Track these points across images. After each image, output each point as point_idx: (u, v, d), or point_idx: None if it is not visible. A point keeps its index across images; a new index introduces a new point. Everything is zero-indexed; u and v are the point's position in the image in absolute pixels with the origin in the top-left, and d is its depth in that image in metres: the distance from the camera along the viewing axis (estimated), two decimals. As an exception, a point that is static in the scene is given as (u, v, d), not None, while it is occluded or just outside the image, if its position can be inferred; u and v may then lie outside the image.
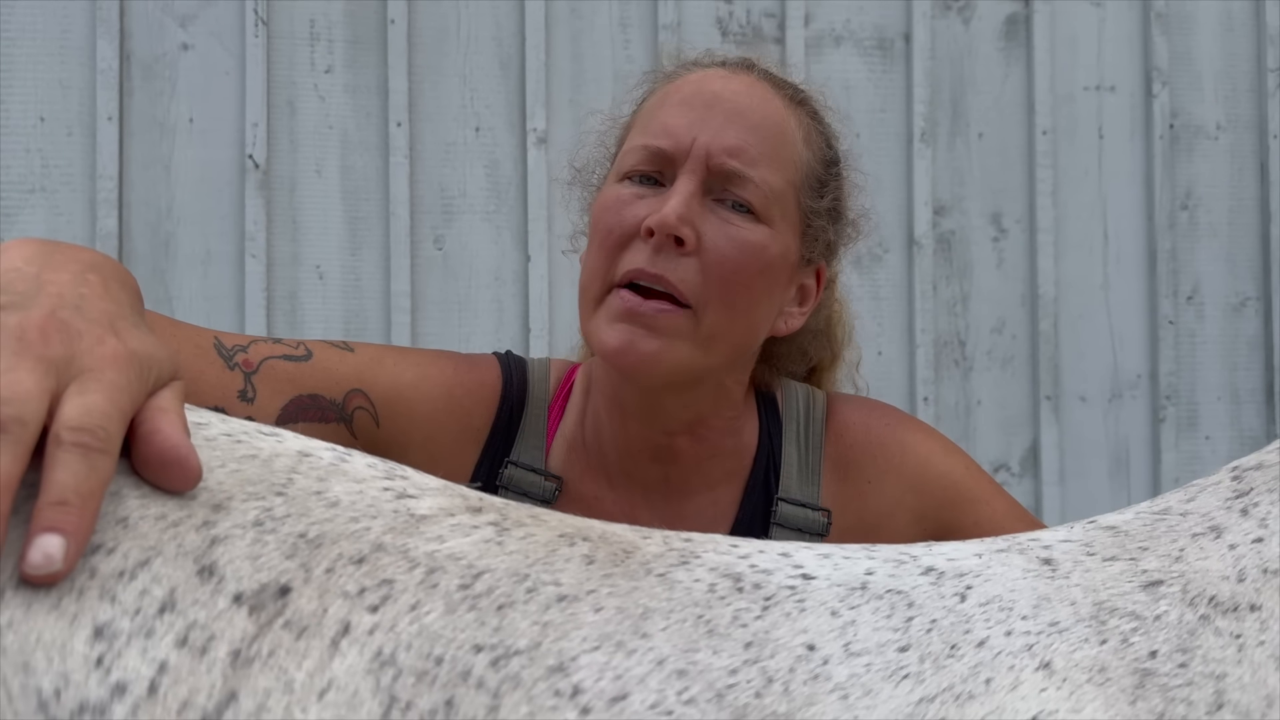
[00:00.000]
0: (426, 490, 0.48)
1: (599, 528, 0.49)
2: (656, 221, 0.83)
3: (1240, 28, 2.09)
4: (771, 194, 0.86)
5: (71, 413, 0.43)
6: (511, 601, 0.43)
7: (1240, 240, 2.07)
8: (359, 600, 0.42)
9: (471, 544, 0.45)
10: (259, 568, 0.42)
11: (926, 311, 1.97)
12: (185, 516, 0.43)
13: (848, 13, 1.99)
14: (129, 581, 0.41)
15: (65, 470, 0.41)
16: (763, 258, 0.86)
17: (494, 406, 0.93)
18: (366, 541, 0.44)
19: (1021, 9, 2.04)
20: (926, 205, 1.98)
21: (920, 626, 0.45)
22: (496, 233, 1.91)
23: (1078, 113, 2.04)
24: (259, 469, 0.46)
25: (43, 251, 0.51)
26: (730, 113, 0.86)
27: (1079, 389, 2.02)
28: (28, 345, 0.44)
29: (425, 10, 1.92)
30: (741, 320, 0.87)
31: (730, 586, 0.46)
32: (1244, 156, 2.08)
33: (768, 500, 0.93)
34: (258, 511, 0.44)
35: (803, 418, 0.95)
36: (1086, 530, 0.51)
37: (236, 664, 0.40)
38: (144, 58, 1.86)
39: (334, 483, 0.46)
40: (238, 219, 1.85)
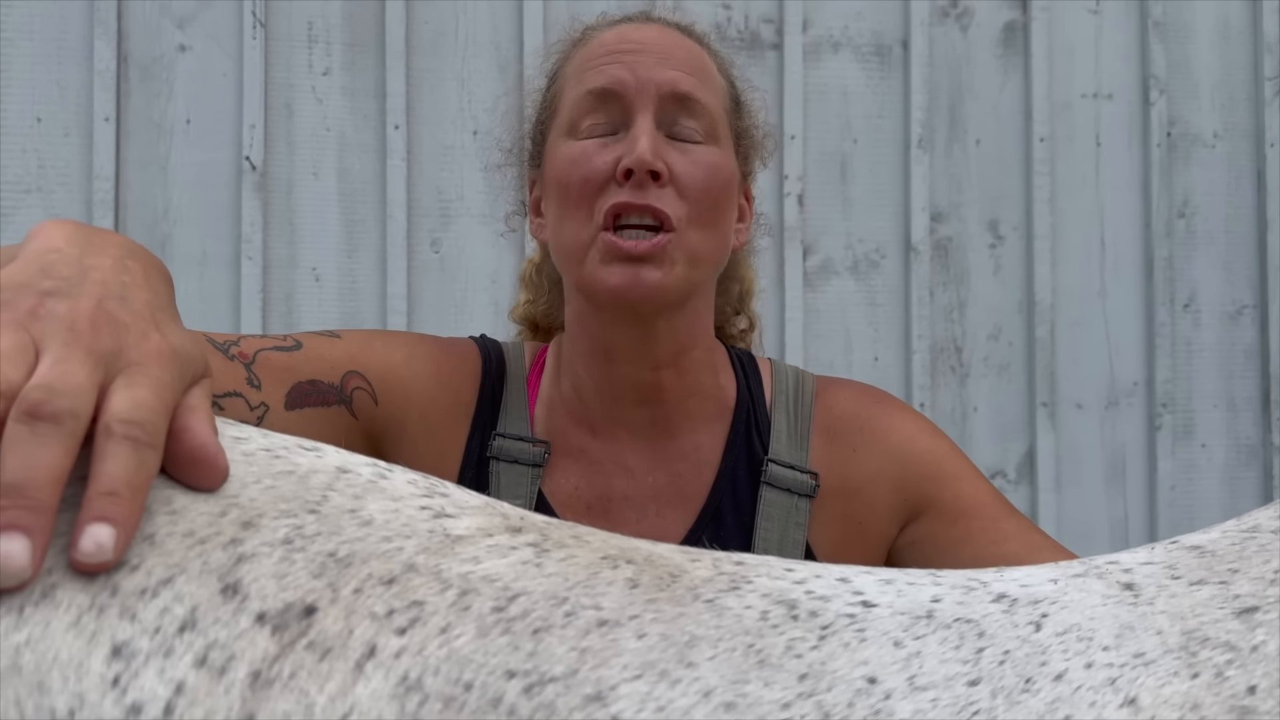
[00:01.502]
0: (466, 509, 0.47)
1: (644, 549, 0.47)
2: (634, 160, 0.87)
3: (1237, 36, 2.09)
4: (715, 117, 0.93)
5: (121, 406, 0.43)
6: (548, 626, 0.42)
7: (1237, 248, 2.08)
8: (387, 622, 0.41)
9: (508, 565, 0.44)
10: (284, 587, 0.41)
11: (923, 318, 1.97)
12: (214, 534, 0.42)
13: (845, 19, 2.00)
14: (150, 599, 0.40)
15: (116, 462, 0.41)
16: (723, 175, 0.92)
17: (477, 382, 0.96)
18: (398, 562, 0.43)
19: (1019, 16, 2.05)
20: (924, 212, 1.98)
21: (992, 658, 0.42)
22: (493, 236, 1.91)
23: (1075, 120, 2.05)
24: (294, 485, 0.45)
25: (82, 234, 0.50)
26: (660, 50, 0.92)
27: (1075, 396, 2.02)
28: (78, 336, 0.44)
29: (423, 13, 1.92)
30: (716, 235, 0.93)
31: (784, 614, 0.43)
32: (1241, 165, 2.08)
33: (751, 456, 0.96)
34: (288, 529, 0.43)
35: (792, 391, 0.99)
36: (1169, 551, 0.48)
37: (256, 685, 0.39)
38: (141, 59, 1.86)
39: (370, 500, 0.45)
40: (234, 221, 1.85)
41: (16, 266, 0.47)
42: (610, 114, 0.91)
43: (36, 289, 0.45)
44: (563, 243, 0.92)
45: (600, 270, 0.88)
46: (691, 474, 0.96)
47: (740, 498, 0.95)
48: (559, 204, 0.92)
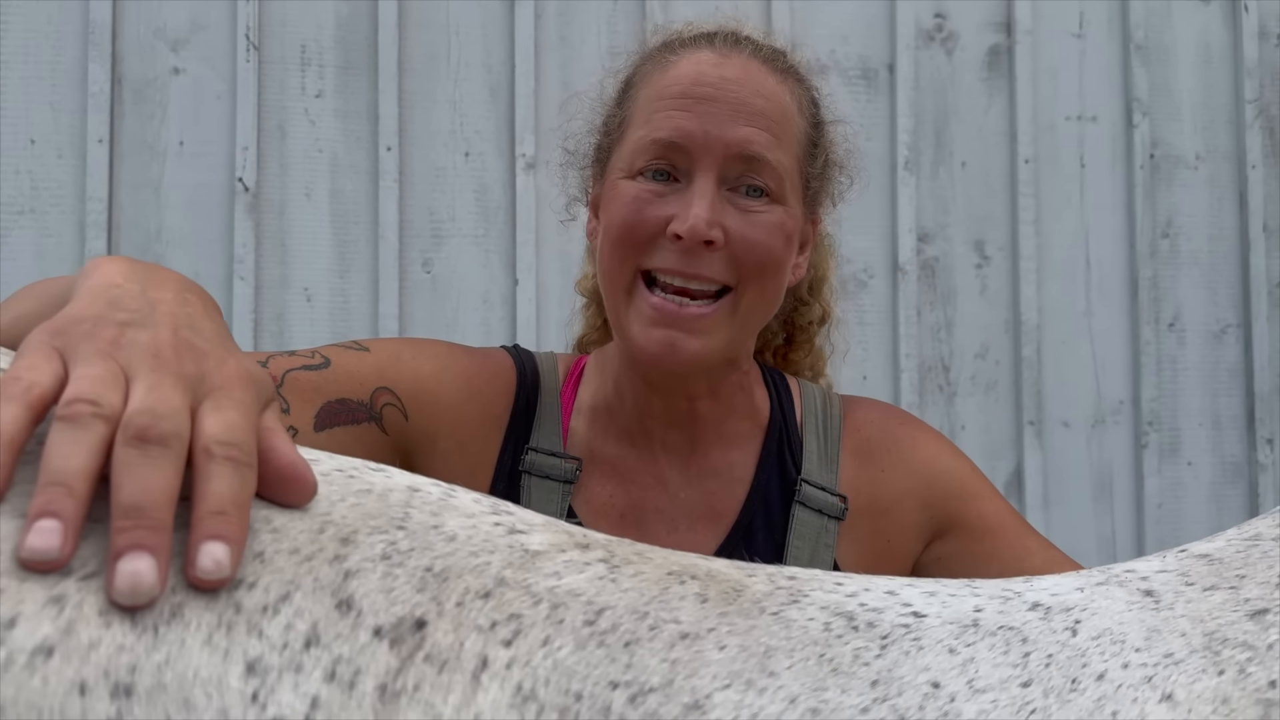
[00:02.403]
0: (534, 526, 0.49)
1: (703, 565, 0.49)
2: (687, 230, 0.86)
3: (1218, 60, 2.12)
4: (784, 174, 0.90)
5: (216, 428, 0.44)
6: (637, 638, 0.44)
7: (1220, 268, 2.10)
8: (492, 634, 0.42)
9: (587, 580, 0.46)
10: (393, 601, 0.42)
11: (911, 337, 1.99)
12: (317, 550, 0.43)
13: (833, 43, 2.02)
14: (273, 616, 0.41)
15: (221, 481, 0.43)
16: (782, 236, 0.90)
17: (511, 395, 0.96)
18: (489, 576, 0.44)
19: (1004, 40, 2.07)
20: (910, 232, 2.00)
21: (1038, 661, 0.45)
22: (485, 256, 1.92)
23: (1059, 142, 2.07)
24: (376, 503, 0.46)
25: (139, 269, 0.52)
26: (735, 102, 0.89)
27: (1062, 415, 2.03)
28: (164, 363, 0.46)
29: (416, 36, 1.94)
30: (768, 295, 0.92)
31: (845, 625, 0.46)
32: (1223, 186, 2.11)
33: (783, 474, 0.97)
34: (384, 545, 0.44)
35: (821, 412, 1.00)
36: (1180, 560, 0.51)
37: (384, 698, 0.40)
38: (135, 81, 1.87)
39: (447, 517, 0.47)
40: (227, 242, 1.86)
41: (85, 301, 0.48)
42: (674, 160, 0.89)
43: (113, 320, 0.47)
44: (607, 273, 0.92)
45: (641, 332, 0.88)
46: (724, 490, 0.96)
47: (772, 516, 0.96)
48: (609, 238, 0.91)
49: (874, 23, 2.04)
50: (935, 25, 2.06)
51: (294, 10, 1.92)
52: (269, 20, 1.90)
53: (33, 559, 0.39)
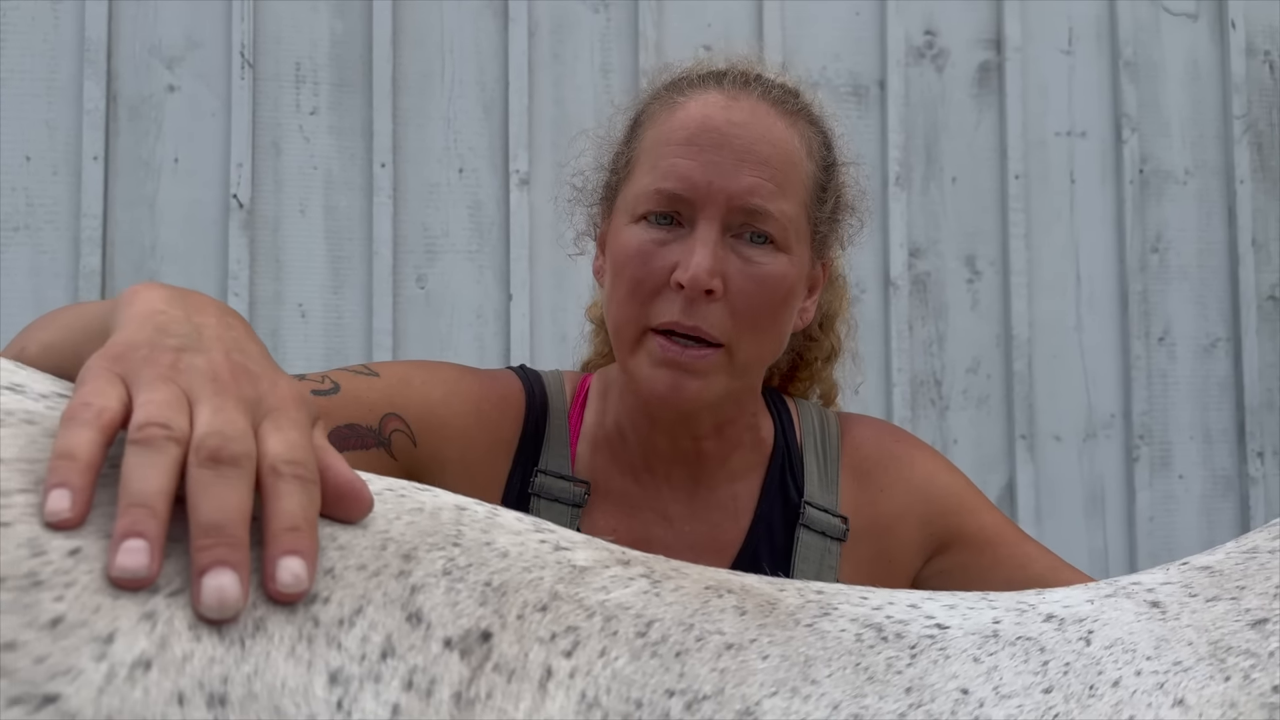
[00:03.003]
0: (576, 543, 0.51)
1: (736, 580, 0.52)
2: (688, 280, 0.86)
3: (1206, 76, 2.14)
4: (789, 222, 0.90)
5: (280, 448, 0.46)
6: (686, 649, 0.46)
7: (1210, 282, 2.11)
8: (553, 645, 0.45)
9: (633, 595, 0.48)
10: (459, 614, 0.45)
11: (903, 351, 2.00)
12: (383, 566, 0.45)
13: (823, 60, 2.04)
14: (349, 629, 0.43)
15: (291, 499, 0.44)
16: (785, 285, 0.91)
17: (520, 418, 0.97)
18: (544, 590, 0.47)
19: (994, 57, 2.09)
20: (902, 247, 2.01)
21: (1056, 669, 0.48)
22: (479, 272, 1.93)
23: (1049, 158, 2.09)
24: (429, 521, 0.48)
25: (177, 295, 0.53)
26: (741, 150, 0.88)
27: (1053, 428, 2.04)
28: (224, 386, 0.47)
29: (410, 54, 1.95)
30: (770, 343, 0.93)
31: (875, 636, 0.49)
32: (1212, 201, 2.12)
33: (785, 498, 0.98)
34: (443, 561, 0.46)
35: (819, 433, 1.01)
36: (1183, 572, 0.54)
37: (460, 705, 0.42)
38: (130, 99, 1.88)
39: (497, 534, 0.49)
40: (221, 258, 1.87)
41: (133, 327, 0.50)
42: (678, 208, 0.89)
43: (167, 345, 0.48)
44: (615, 323, 0.92)
45: (646, 372, 0.89)
46: (728, 522, 0.97)
47: (775, 541, 0.97)
48: (614, 283, 0.92)
49: (864, 40, 2.06)
50: (925, 42, 2.08)
51: (289, 28, 1.93)
52: (264, 37, 1.92)
53: (123, 577, 0.40)
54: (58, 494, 0.41)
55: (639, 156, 0.93)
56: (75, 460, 0.42)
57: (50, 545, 0.40)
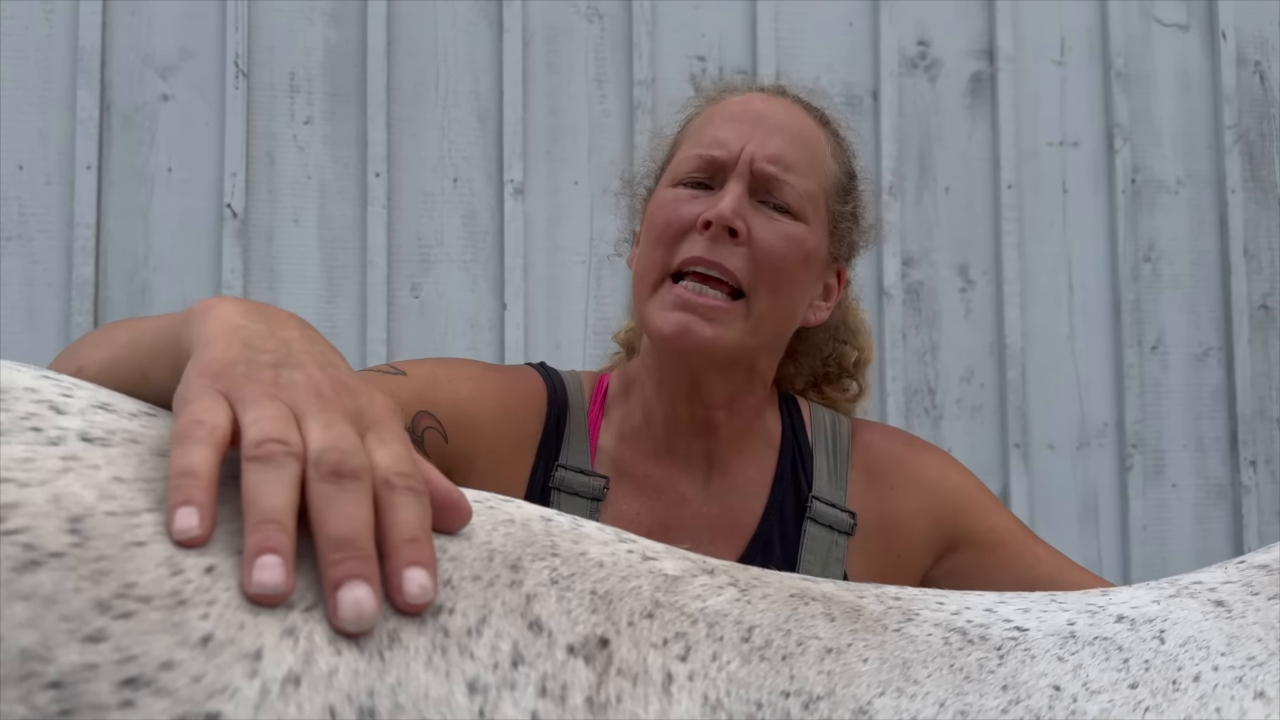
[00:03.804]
0: (660, 553, 0.52)
1: (815, 588, 0.53)
2: (714, 215, 0.93)
3: (1197, 86, 2.15)
4: (806, 195, 0.97)
5: (389, 460, 0.46)
6: (789, 653, 0.47)
7: (1202, 291, 2.12)
8: (667, 650, 0.46)
9: (727, 602, 0.49)
10: (574, 621, 0.45)
11: (897, 360, 2.00)
12: (495, 577, 0.46)
13: (817, 70, 2.04)
14: (478, 638, 0.43)
15: (407, 511, 0.45)
16: (802, 249, 0.97)
17: (543, 414, 1.00)
18: (645, 598, 0.48)
19: (986, 67, 2.10)
20: (895, 257, 2.02)
21: (1138, 666, 0.50)
22: (473, 281, 1.93)
23: (1042, 168, 2.10)
24: (522, 531, 0.49)
25: (252, 308, 0.54)
26: (772, 127, 0.98)
27: (1047, 437, 2.04)
28: (328, 401, 0.48)
29: (405, 64, 1.95)
30: (785, 304, 0.97)
31: (961, 639, 0.51)
32: (1203, 210, 2.13)
33: (796, 491, 1.01)
34: (548, 570, 0.47)
35: (830, 434, 1.05)
36: (1241, 571, 0.57)
37: (594, 709, 0.43)
38: (124, 108, 1.88)
39: (587, 545, 0.50)
40: (215, 267, 1.86)
41: (221, 343, 0.50)
42: (711, 173, 0.97)
43: (261, 361, 0.49)
44: (638, 274, 0.99)
45: (661, 313, 0.94)
46: (743, 505, 1.00)
47: (786, 530, 1.00)
48: (645, 239, 0.99)
49: (858, 50, 2.07)
50: (919, 53, 2.09)
51: (283, 37, 1.93)
52: (258, 47, 1.92)
53: (262, 593, 0.40)
54: (185, 511, 0.41)
55: (685, 139, 1.03)
56: (198, 477, 0.42)
57: (186, 564, 0.40)
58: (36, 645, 0.36)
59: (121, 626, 0.37)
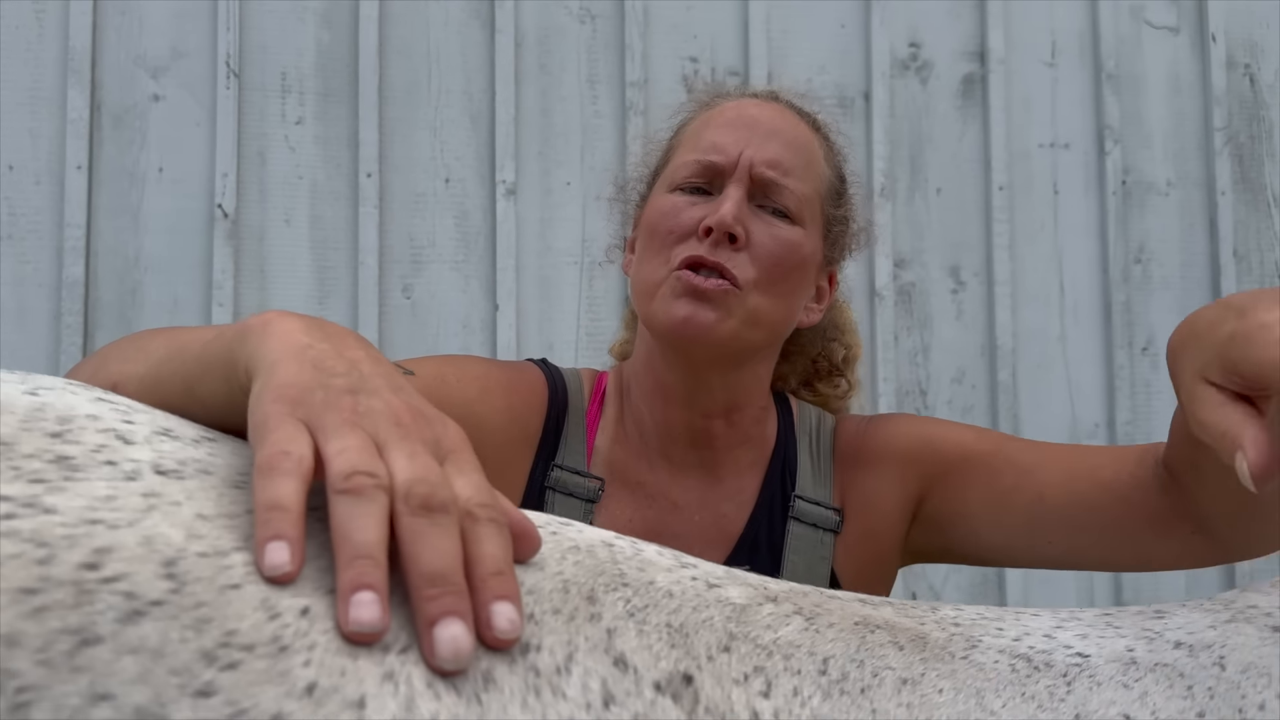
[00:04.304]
0: (722, 579, 0.51)
1: (875, 614, 0.53)
2: (716, 220, 0.94)
3: (1187, 89, 2.16)
4: (803, 200, 0.98)
5: (470, 491, 0.46)
6: (867, 686, 0.47)
7: (1192, 293, 2.13)
8: (748, 686, 0.45)
9: (797, 632, 0.49)
10: (656, 656, 0.45)
11: (889, 361, 2.01)
12: (574, 610, 0.45)
13: (809, 71, 2.05)
14: (568, 677, 0.42)
15: (491, 543, 0.44)
16: (799, 253, 0.98)
17: (544, 412, 1.00)
18: (719, 630, 0.47)
19: (978, 69, 2.11)
20: (887, 258, 2.02)
21: (1202, 694, 0.50)
22: (465, 282, 1.93)
23: (1033, 169, 2.10)
24: (589, 559, 0.48)
25: (313, 325, 0.52)
26: (768, 132, 0.99)
27: (1038, 437, 2.04)
28: (408, 431, 0.47)
29: (396, 64, 1.95)
30: (780, 304, 0.97)
31: (1028, 666, 0.51)
32: (1194, 212, 2.14)
33: (783, 492, 1.01)
34: (622, 602, 0.46)
35: (814, 431, 1.05)
36: None
37: None
38: (114, 108, 1.87)
39: (653, 572, 0.49)
40: (205, 268, 1.86)
41: (293, 366, 0.48)
42: (710, 178, 0.98)
43: (335, 386, 0.48)
44: (640, 279, 0.99)
45: (668, 304, 0.94)
46: (735, 513, 1.00)
47: (773, 531, 1.00)
48: (645, 245, 0.99)
49: (850, 52, 2.07)
50: (910, 54, 2.09)
51: (274, 37, 1.93)
52: (249, 47, 1.91)
53: (359, 631, 0.40)
54: (276, 546, 0.40)
55: (680, 143, 1.03)
56: (287, 511, 0.42)
57: (282, 606, 0.39)
58: (150, 703, 0.34)
59: (229, 678, 0.36)
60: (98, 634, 0.35)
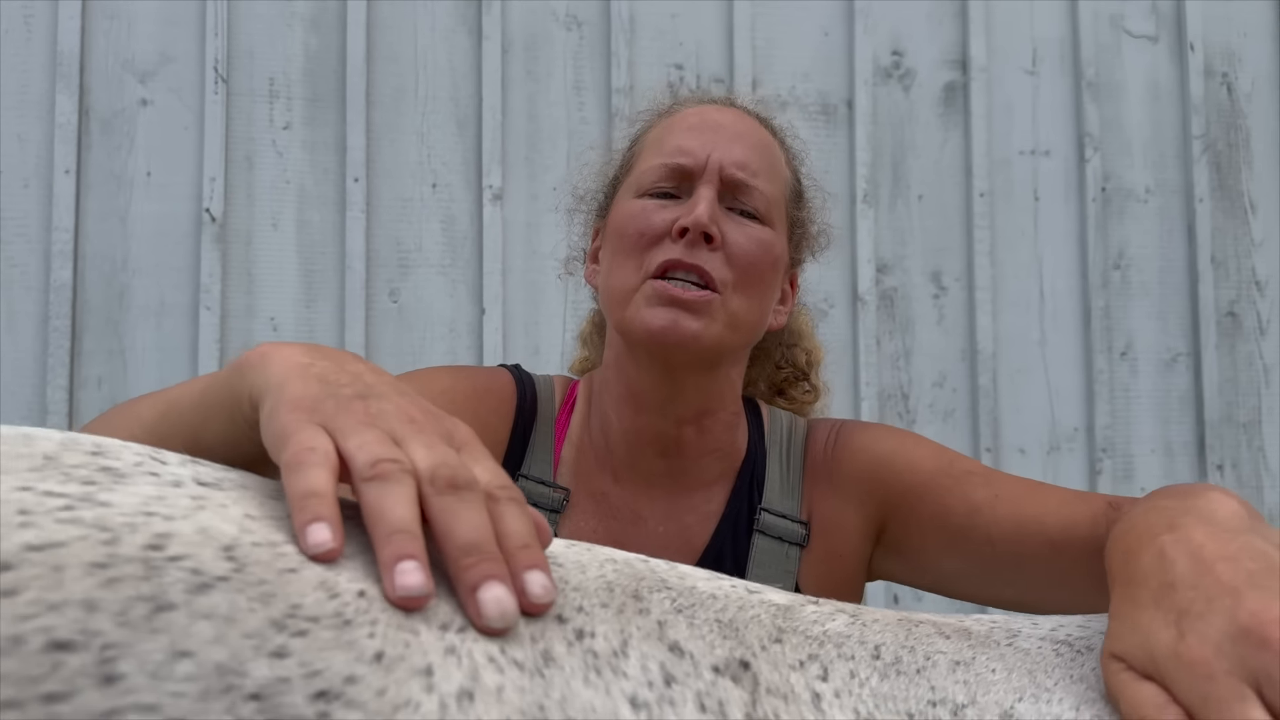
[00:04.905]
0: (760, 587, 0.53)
1: (917, 615, 0.55)
2: (691, 220, 0.93)
3: (1166, 97, 2.19)
4: (771, 201, 0.98)
5: (488, 475, 0.48)
6: (922, 667, 0.49)
7: (1170, 299, 2.15)
8: (805, 671, 0.47)
9: (844, 625, 0.50)
10: (711, 645, 0.46)
11: (871, 365, 2.02)
12: (623, 605, 0.47)
13: (793, 79, 2.07)
14: (625, 659, 0.44)
15: (514, 520, 0.47)
16: (772, 253, 0.98)
17: (511, 420, 1.00)
18: (768, 625, 0.49)
19: (959, 77, 2.13)
20: (869, 263, 2.04)
21: None
22: (452, 286, 1.94)
23: (1014, 176, 2.12)
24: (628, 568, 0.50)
25: (309, 348, 0.54)
26: (733, 135, 0.99)
27: (1018, 441, 2.07)
28: (421, 426, 0.49)
29: (384, 70, 1.97)
30: (757, 305, 0.97)
31: (1070, 650, 0.53)
32: (1172, 219, 2.17)
33: (750, 505, 1.00)
34: (668, 601, 0.48)
35: (785, 440, 1.03)
36: None
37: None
38: (103, 112, 1.88)
39: (693, 580, 0.51)
40: (193, 271, 1.87)
41: (298, 383, 0.51)
42: (678, 182, 0.97)
43: (345, 395, 0.50)
44: (611, 286, 0.97)
45: (644, 311, 0.93)
46: (699, 525, 0.99)
47: (739, 544, 0.98)
48: (614, 251, 0.98)
49: (833, 60, 2.09)
50: (893, 62, 2.12)
51: (262, 43, 1.94)
52: (237, 52, 1.92)
53: (407, 596, 0.41)
54: (317, 527, 0.42)
55: (643, 150, 1.03)
56: (321, 496, 0.44)
57: (340, 587, 0.41)
58: (229, 660, 0.36)
59: (300, 643, 0.38)
60: (170, 601, 0.37)
